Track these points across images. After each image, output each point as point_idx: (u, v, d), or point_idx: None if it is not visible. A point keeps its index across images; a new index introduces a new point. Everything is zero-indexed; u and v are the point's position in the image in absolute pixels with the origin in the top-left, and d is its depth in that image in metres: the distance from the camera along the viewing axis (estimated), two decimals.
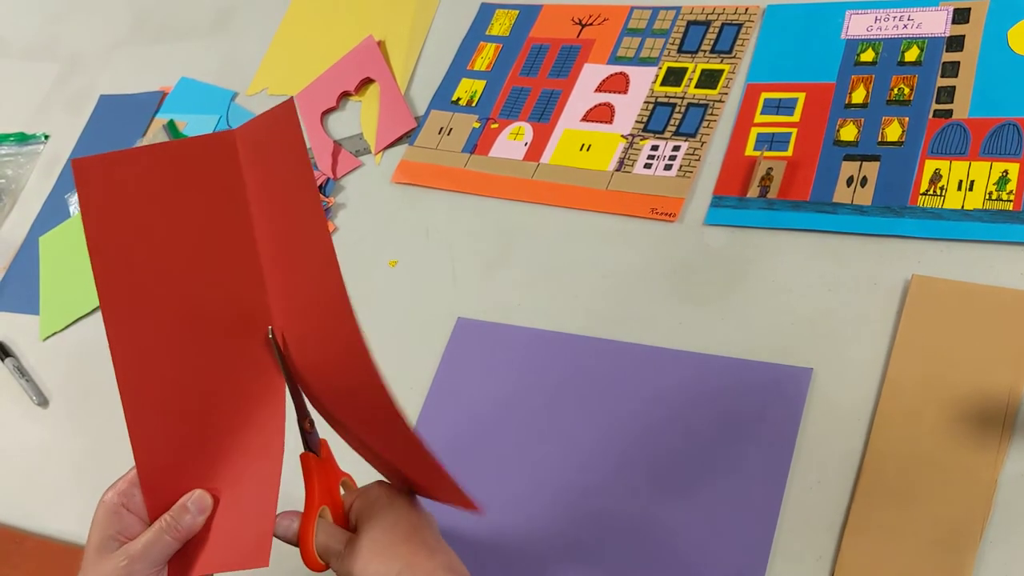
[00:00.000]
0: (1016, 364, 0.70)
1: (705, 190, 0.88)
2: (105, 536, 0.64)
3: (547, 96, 1.01)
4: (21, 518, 0.98)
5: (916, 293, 0.76)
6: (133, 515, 0.64)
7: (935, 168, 0.81)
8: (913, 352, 0.73)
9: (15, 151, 1.30)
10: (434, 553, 0.63)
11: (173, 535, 0.63)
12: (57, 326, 1.10)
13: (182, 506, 0.64)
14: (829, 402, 0.74)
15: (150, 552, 0.63)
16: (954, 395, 0.71)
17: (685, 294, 0.84)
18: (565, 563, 0.75)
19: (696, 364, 0.79)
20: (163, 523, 0.63)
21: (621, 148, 0.94)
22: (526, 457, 0.80)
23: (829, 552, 0.69)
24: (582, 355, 0.83)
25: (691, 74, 0.96)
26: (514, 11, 1.10)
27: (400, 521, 0.65)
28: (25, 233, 1.21)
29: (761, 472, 0.73)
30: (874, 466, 0.70)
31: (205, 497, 0.64)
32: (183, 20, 1.33)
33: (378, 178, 1.04)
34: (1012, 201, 0.77)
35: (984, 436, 0.69)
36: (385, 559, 0.62)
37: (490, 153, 1.00)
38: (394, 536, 0.64)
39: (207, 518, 0.64)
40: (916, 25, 0.89)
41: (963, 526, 0.66)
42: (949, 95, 0.84)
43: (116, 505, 0.64)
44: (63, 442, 1.01)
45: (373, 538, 0.64)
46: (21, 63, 1.42)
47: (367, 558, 0.63)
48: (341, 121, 1.12)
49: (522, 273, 0.91)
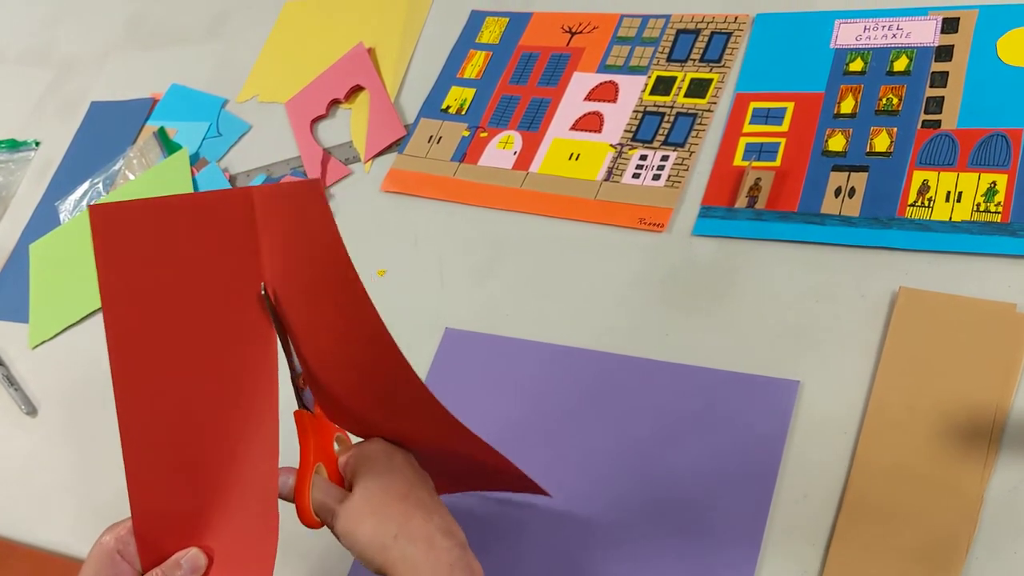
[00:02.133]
0: (1003, 377, 0.70)
1: (693, 200, 0.88)
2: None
3: (536, 105, 1.01)
4: (10, 527, 0.98)
5: (903, 305, 0.75)
6: (126, 563, 0.64)
7: (923, 179, 0.81)
8: (900, 365, 0.73)
9: (6, 158, 1.30)
10: (430, 514, 0.63)
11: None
12: (47, 334, 1.10)
13: (175, 562, 0.64)
14: (816, 415, 0.74)
15: None
16: (941, 408, 0.70)
17: (672, 305, 0.84)
18: (550, 569, 0.74)
19: (683, 376, 0.79)
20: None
21: (610, 157, 0.94)
22: None
23: (815, 566, 0.68)
24: (569, 366, 0.83)
25: (680, 83, 0.96)
26: (504, 19, 1.10)
27: (395, 479, 0.65)
28: (15, 240, 1.21)
29: (747, 485, 0.73)
30: (860, 480, 0.70)
31: (200, 557, 0.64)
32: (174, 27, 1.33)
33: (367, 186, 1.04)
34: (1000, 213, 0.77)
35: (971, 450, 0.68)
36: (380, 519, 0.62)
37: (479, 162, 1.00)
38: (389, 495, 0.63)
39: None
40: (905, 35, 0.89)
41: (949, 541, 0.66)
42: (938, 105, 0.84)
43: (111, 550, 0.64)
44: (52, 451, 1.01)
45: (368, 497, 0.63)
46: (12, 69, 1.42)
47: (362, 517, 0.62)
48: (331, 129, 1.12)
49: (510, 283, 0.91)
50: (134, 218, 0.61)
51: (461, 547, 0.62)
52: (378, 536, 0.62)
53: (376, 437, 0.68)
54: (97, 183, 1.20)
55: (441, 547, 0.61)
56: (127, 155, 1.20)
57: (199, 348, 0.64)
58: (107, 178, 1.19)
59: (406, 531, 0.62)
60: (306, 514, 0.64)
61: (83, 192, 1.20)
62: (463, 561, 0.62)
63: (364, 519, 0.62)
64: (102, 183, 1.19)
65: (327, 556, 0.83)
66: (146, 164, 1.18)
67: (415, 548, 0.61)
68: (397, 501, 0.63)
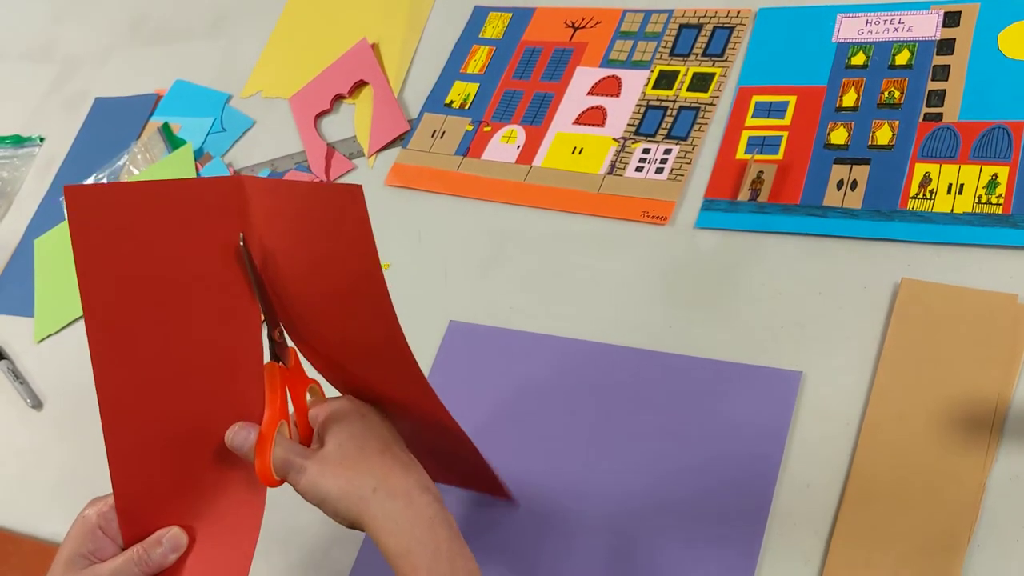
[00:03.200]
0: (1005, 368, 0.71)
1: (696, 193, 0.88)
2: (76, 553, 0.64)
3: (540, 99, 1.02)
4: (15, 520, 0.98)
5: (905, 297, 0.76)
6: (108, 538, 0.64)
7: (925, 171, 0.81)
8: (902, 356, 0.74)
9: (11, 153, 1.31)
10: (408, 470, 0.63)
11: (142, 568, 0.63)
12: (51, 329, 1.10)
13: (156, 540, 0.64)
14: (818, 406, 0.75)
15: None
16: (943, 398, 0.71)
17: (675, 297, 0.84)
18: (552, 564, 0.75)
19: (686, 367, 0.79)
20: (134, 553, 0.63)
21: (613, 151, 0.94)
22: (515, 459, 0.80)
23: (817, 556, 0.69)
24: (572, 358, 0.84)
25: (683, 77, 0.96)
26: (507, 14, 1.10)
27: (371, 435, 0.64)
28: (20, 235, 1.22)
29: (750, 475, 0.73)
30: (863, 470, 0.70)
31: (181, 536, 0.64)
32: (178, 23, 1.34)
33: (371, 181, 1.04)
34: (1001, 204, 0.77)
35: (973, 440, 0.69)
36: (357, 473, 0.62)
37: (483, 156, 1.00)
38: (365, 450, 0.63)
39: (180, 556, 0.64)
40: (907, 28, 0.89)
41: (951, 530, 0.66)
42: (939, 98, 0.84)
43: (93, 525, 0.64)
44: (57, 445, 1.02)
45: (343, 452, 0.63)
46: (17, 65, 1.43)
47: (337, 471, 0.62)
48: (335, 124, 1.12)
49: (514, 276, 0.92)
50: (110, 199, 0.61)
51: (438, 502, 0.62)
52: (355, 489, 0.61)
53: (348, 396, 0.67)
54: (102, 178, 1.20)
55: (420, 502, 0.61)
56: (131, 150, 1.20)
57: (179, 328, 0.63)
58: (111, 173, 1.20)
59: (385, 486, 0.61)
60: (265, 471, 0.62)
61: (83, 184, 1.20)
62: (442, 515, 0.61)
63: (339, 473, 0.62)
64: (107, 178, 1.20)
65: (328, 553, 0.83)
66: (150, 159, 1.18)
67: (395, 503, 0.61)
68: (374, 455, 0.63)
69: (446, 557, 0.60)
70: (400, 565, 0.59)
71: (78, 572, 0.63)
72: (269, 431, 0.63)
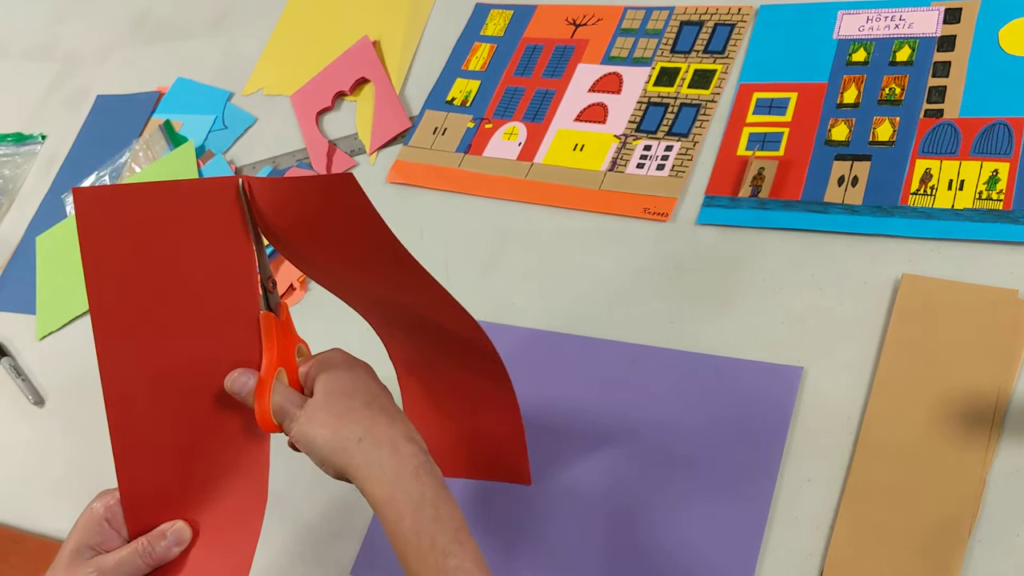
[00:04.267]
0: (1005, 363, 0.71)
1: (697, 190, 0.89)
2: (82, 544, 0.65)
3: (541, 96, 1.02)
4: (18, 516, 0.98)
5: (906, 292, 0.76)
6: (114, 531, 0.66)
7: (926, 168, 0.81)
8: (903, 351, 0.74)
9: (12, 151, 1.31)
10: (394, 421, 0.64)
11: (145, 560, 0.64)
12: (53, 326, 1.11)
13: (160, 533, 0.65)
14: (819, 400, 0.75)
15: (120, 570, 0.64)
16: (944, 394, 0.71)
17: (677, 293, 0.84)
18: (554, 558, 0.75)
19: (687, 363, 0.80)
20: (139, 546, 0.65)
21: (614, 148, 0.94)
22: None
23: (819, 549, 0.69)
24: (573, 354, 0.84)
25: (684, 74, 0.96)
26: (508, 11, 1.10)
27: (359, 387, 0.65)
28: (22, 233, 1.22)
29: (752, 470, 0.73)
30: (864, 464, 0.71)
31: (185, 530, 0.65)
32: (180, 21, 1.34)
33: (373, 178, 1.05)
34: (1002, 200, 0.77)
35: (973, 434, 0.69)
36: (345, 423, 0.62)
37: (484, 153, 1.00)
38: (353, 401, 0.64)
39: (184, 551, 0.65)
40: (908, 25, 0.89)
41: (952, 524, 0.66)
42: (940, 95, 0.85)
43: (100, 517, 0.65)
44: (59, 441, 1.02)
45: (331, 402, 0.63)
46: (19, 63, 1.43)
47: (324, 420, 0.63)
48: (336, 121, 1.12)
49: (515, 273, 0.92)
50: (118, 201, 0.62)
51: (424, 453, 0.63)
52: (340, 439, 0.62)
53: (336, 348, 0.69)
54: (103, 176, 1.20)
55: (406, 452, 0.62)
56: (133, 148, 1.20)
57: (185, 326, 0.64)
58: (113, 171, 1.20)
59: (371, 435, 0.62)
60: (265, 416, 0.64)
61: (89, 185, 1.21)
62: (427, 465, 0.62)
63: (326, 422, 0.62)
64: (108, 176, 1.20)
65: (331, 545, 0.83)
66: (152, 157, 1.19)
67: (380, 452, 0.61)
68: (361, 407, 0.63)
69: (431, 504, 0.60)
70: (385, 512, 0.60)
71: (83, 563, 0.64)
72: (268, 376, 0.65)
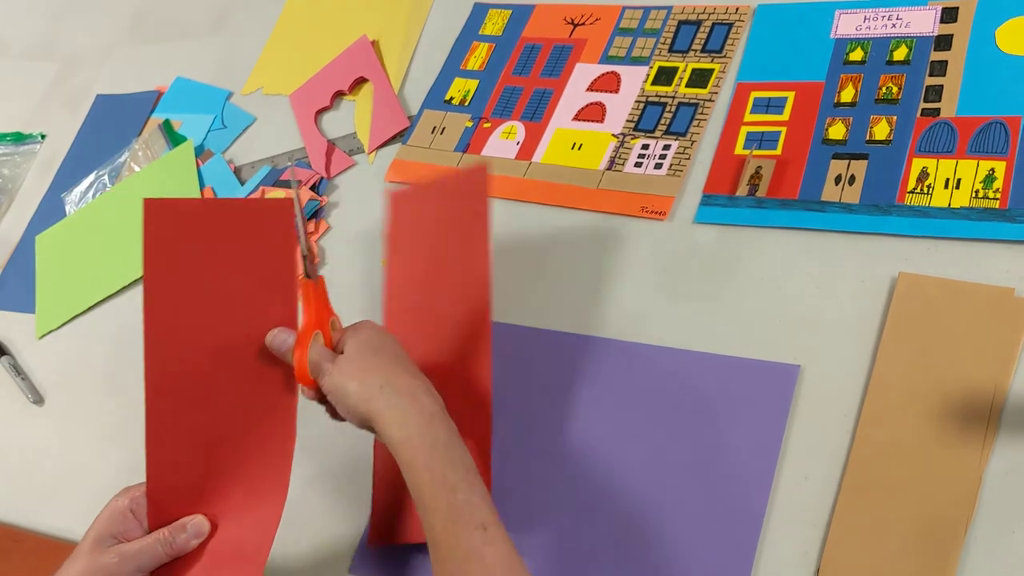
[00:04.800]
0: (1001, 361, 0.71)
1: (695, 189, 0.89)
2: (105, 533, 0.69)
3: (539, 95, 1.02)
4: (17, 516, 0.99)
5: (903, 290, 0.76)
6: (136, 521, 0.70)
7: (922, 166, 0.82)
8: (899, 349, 0.74)
9: (12, 151, 1.31)
10: (415, 376, 0.69)
11: (166, 549, 0.68)
12: (53, 324, 1.11)
13: (181, 524, 0.70)
14: (816, 399, 0.75)
15: (141, 557, 0.68)
16: (940, 392, 0.71)
17: (674, 292, 0.84)
18: (551, 556, 0.75)
19: (685, 361, 0.80)
20: (161, 535, 0.69)
21: (612, 147, 0.95)
22: (515, 452, 0.81)
23: (815, 547, 0.69)
24: (570, 352, 0.84)
25: (682, 73, 0.96)
26: (507, 11, 1.10)
27: (386, 347, 0.71)
28: (21, 232, 1.22)
29: (748, 468, 0.73)
30: (860, 462, 0.71)
31: (204, 524, 0.70)
32: (179, 20, 1.34)
33: (371, 177, 1.05)
34: (998, 199, 0.77)
35: (969, 432, 0.69)
36: (369, 374, 0.68)
37: (482, 152, 1.01)
38: (379, 358, 0.70)
39: (202, 543, 0.70)
40: (904, 24, 0.90)
41: (948, 522, 0.67)
42: (937, 94, 0.85)
43: (125, 509, 0.69)
44: (58, 440, 1.02)
45: (359, 357, 0.69)
46: (18, 62, 1.43)
47: (352, 373, 0.68)
48: (335, 120, 1.12)
49: (513, 271, 0.92)
50: (183, 213, 0.70)
51: (441, 408, 0.68)
52: (365, 388, 0.67)
53: (368, 319, 0.75)
54: (103, 175, 1.21)
55: (424, 400, 0.67)
56: (132, 147, 1.20)
57: (228, 335, 0.71)
58: (112, 170, 1.20)
59: (392, 383, 0.67)
60: (302, 371, 0.70)
61: (88, 184, 1.21)
62: (442, 415, 0.67)
63: (354, 375, 0.68)
64: (107, 175, 1.20)
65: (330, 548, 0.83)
66: (151, 156, 1.19)
67: (400, 399, 0.66)
68: (387, 363, 0.69)
69: (443, 446, 0.65)
70: (401, 451, 0.65)
71: (105, 550, 0.68)
72: (306, 335, 0.71)
